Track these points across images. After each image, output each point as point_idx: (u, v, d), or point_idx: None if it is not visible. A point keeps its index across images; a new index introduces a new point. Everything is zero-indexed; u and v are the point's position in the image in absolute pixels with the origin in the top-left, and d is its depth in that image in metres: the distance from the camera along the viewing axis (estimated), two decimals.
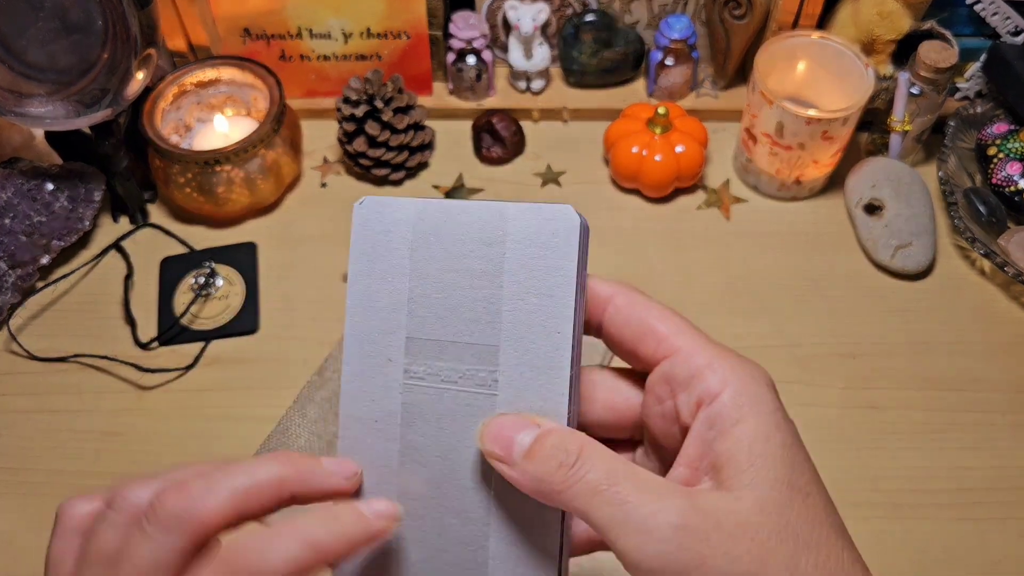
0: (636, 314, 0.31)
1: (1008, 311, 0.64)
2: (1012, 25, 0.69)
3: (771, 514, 0.27)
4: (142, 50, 0.61)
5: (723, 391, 0.28)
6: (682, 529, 0.26)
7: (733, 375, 0.29)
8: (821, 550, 0.27)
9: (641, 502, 0.26)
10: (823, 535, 0.27)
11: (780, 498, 0.27)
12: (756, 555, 0.26)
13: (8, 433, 0.58)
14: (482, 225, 0.30)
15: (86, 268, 0.67)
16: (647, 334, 0.30)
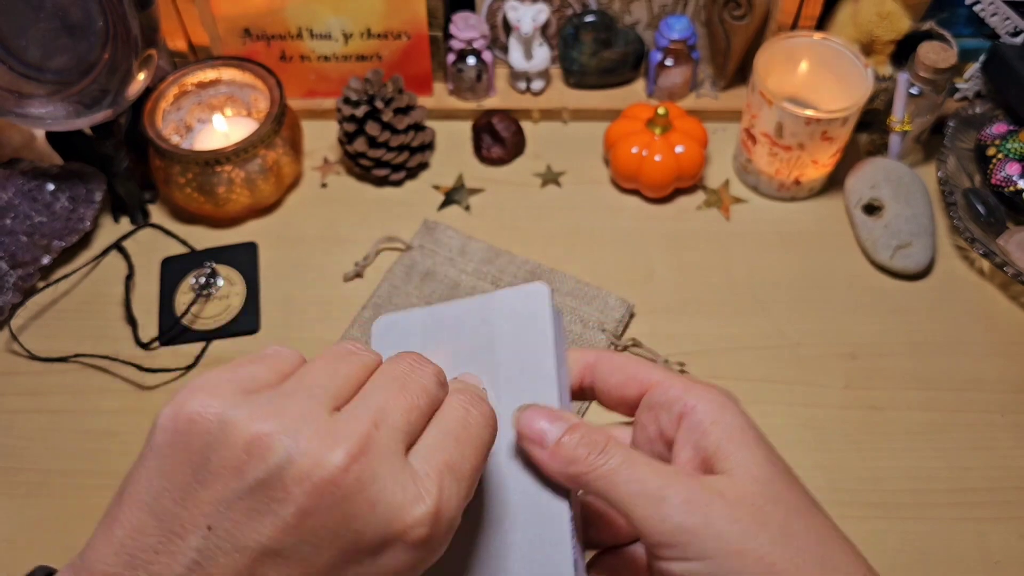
0: (619, 367, 0.36)
1: (1008, 311, 0.64)
2: (1011, 26, 0.69)
3: (763, 485, 0.31)
4: (143, 50, 0.61)
5: (698, 403, 0.33)
6: (689, 500, 0.30)
7: (705, 392, 0.34)
8: (809, 515, 0.31)
9: (656, 481, 0.31)
10: (808, 504, 0.32)
11: (768, 473, 0.31)
12: (754, 517, 0.30)
13: (9, 433, 0.59)
14: (475, 311, 0.36)
15: (87, 268, 0.67)
16: (629, 380, 0.36)
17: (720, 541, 0.30)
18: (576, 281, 0.63)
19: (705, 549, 0.30)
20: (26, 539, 0.54)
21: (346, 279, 0.66)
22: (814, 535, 0.31)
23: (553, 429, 0.32)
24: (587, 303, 0.62)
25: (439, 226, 0.67)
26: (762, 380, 0.60)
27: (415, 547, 0.26)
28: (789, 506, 0.31)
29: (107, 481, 0.56)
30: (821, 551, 0.31)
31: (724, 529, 0.30)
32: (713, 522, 0.30)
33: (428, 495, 0.26)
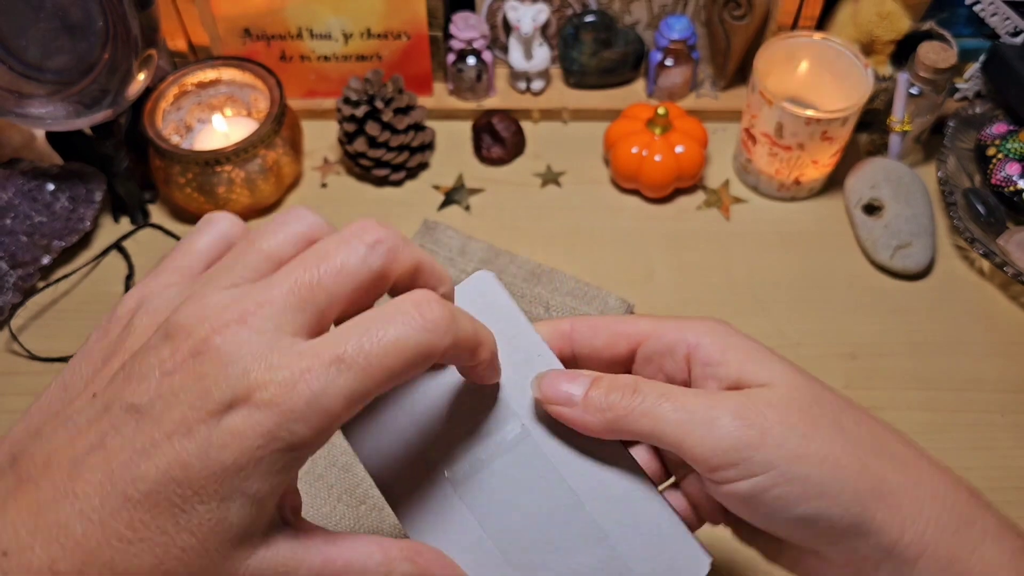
0: (600, 328, 0.35)
1: (1007, 311, 0.64)
2: (1011, 26, 0.69)
3: (804, 390, 0.31)
4: (143, 50, 0.61)
5: (701, 339, 0.33)
6: (740, 416, 0.30)
7: (701, 326, 0.34)
8: (853, 410, 0.32)
9: (701, 405, 0.30)
10: (847, 400, 0.32)
11: (801, 379, 0.32)
12: (807, 419, 0.30)
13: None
14: None
15: (87, 268, 0.67)
16: (616, 338, 0.35)
17: (781, 449, 0.29)
18: (576, 281, 0.63)
19: (767, 460, 0.29)
20: None
21: None
22: (865, 428, 0.31)
23: (576, 386, 0.31)
24: (587, 303, 0.62)
25: (439, 226, 0.67)
26: None
27: (261, 408, 0.23)
28: (835, 404, 0.31)
29: None
30: (875, 441, 0.31)
31: (782, 436, 0.30)
32: (769, 431, 0.30)
33: (289, 368, 0.24)
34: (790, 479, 0.29)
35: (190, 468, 0.23)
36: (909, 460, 0.32)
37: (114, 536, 0.23)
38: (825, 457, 0.30)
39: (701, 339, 0.33)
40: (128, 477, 0.24)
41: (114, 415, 0.24)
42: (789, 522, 0.30)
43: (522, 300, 0.62)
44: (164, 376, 0.24)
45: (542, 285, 0.63)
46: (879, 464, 0.30)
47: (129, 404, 0.24)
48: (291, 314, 0.25)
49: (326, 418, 0.24)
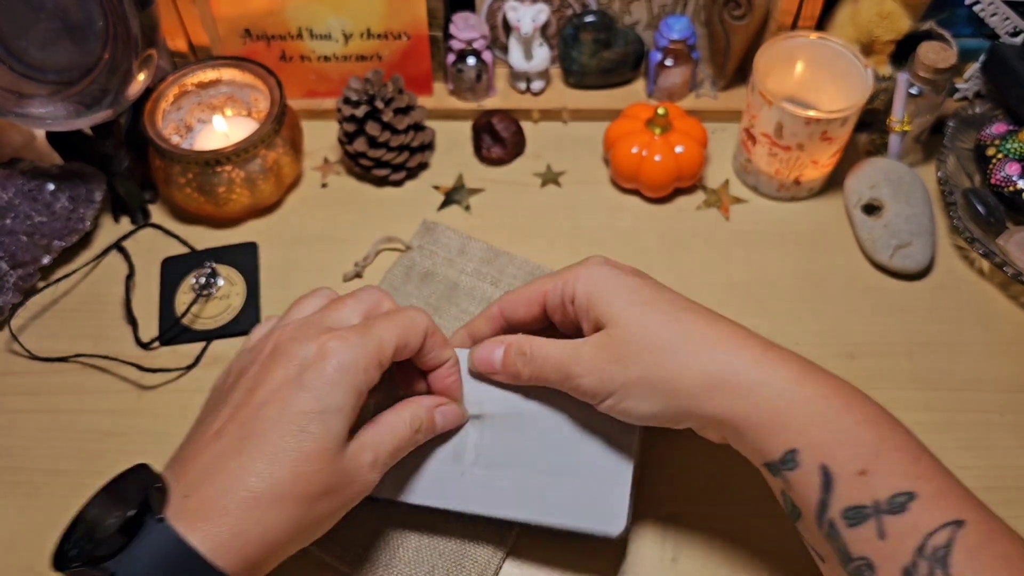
0: (517, 300, 0.50)
1: (1007, 311, 0.64)
2: (1011, 26, 0.69)
3: (630, 325, 0.44)
4: (143, 51, 0.61)
5: (576, 288, 0.46)
6: (583, 363, 0.45)
7: (578, 276, 0.47)
8: (665, 328, 0.43)
9: (562, 360, 0.46)
10: (666, 319, 0.44)
11: (631, 314, 0.44)
12: (628, 351, 0.43)
13: (9, 433, 0.59)
14: None
15: (87, 268, 0.67)
16: (530, 303, 0.49)
17: (613, 382, 0.44)
18: (526, 261, 0.64)
19: (605, 389, 0.44)
20: (26, 539, 0.54)
21: (345, 279, 0.66)
22: (674, 336, 0.43)
23: (494, 354, 0.48)
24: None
25: (438, 226, 0.67)
26: None
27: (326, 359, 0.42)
28: (647, 327, 0.43)
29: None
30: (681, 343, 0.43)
31: (612, 372, 0.44)
32: (605, 369, 0.44)
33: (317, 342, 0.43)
34: (629, 395, 0.44)
35: (292, 407, 0.41)
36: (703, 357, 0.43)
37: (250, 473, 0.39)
38: (640, 378, 0.43)
39: (576, 288, 0.46)
40: (253, 436, 0.40)
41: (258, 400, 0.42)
42: (640, 421, 0.45)
43: None
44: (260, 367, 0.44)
45: None
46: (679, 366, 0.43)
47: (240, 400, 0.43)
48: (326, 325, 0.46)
49: (379, 351, 0.43)
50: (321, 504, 0.41)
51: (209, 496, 0.38)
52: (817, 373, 0.43)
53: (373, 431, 0.44)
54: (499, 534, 0.51)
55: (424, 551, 0.51)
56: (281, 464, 0.39)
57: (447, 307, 0.63)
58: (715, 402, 0.42)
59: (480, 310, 0.61)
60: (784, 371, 0.42)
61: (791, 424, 0.41)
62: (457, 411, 0.49)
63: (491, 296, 0.63)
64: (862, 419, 0.42)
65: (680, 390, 0.42)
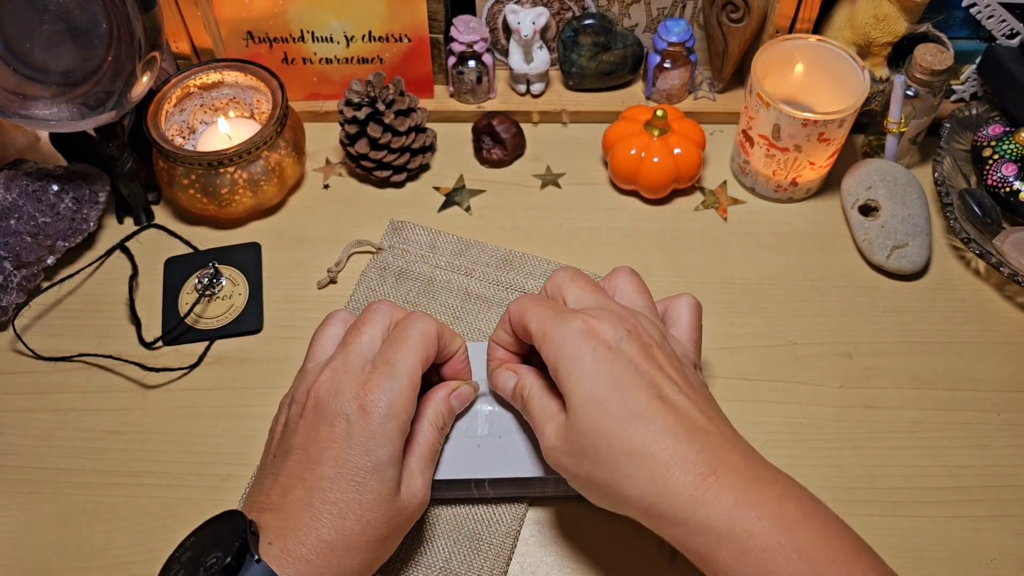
0: (517, 317, 0.49)
1: (1003, 311, 0.65)
2: (1007, 28, 0.69)
3: (580, 423, 0.44)
4: (146, 53, 0.61)
5: (548, 354, 0.46)
6: (547, 448, 0.46)
7: (555, 338, 0.46)
8: (613, 437, 0.42)
9: (540, 424, 0.47)
10: (613, 426, 0.43)
11: (582, 411, 0.44)
12: (574, 452, 0.44)
13: (12, 432, 0.59)
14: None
15: (91, 268, 0.67)
16: (523, 330, 0.49)
17: (567, 472, 0.45)
18: (548, 263, 0.65)
19: (564, 474, 0.46)
20: (29, 538, 0.54)
21: (320, 286, 0.66)
22: (616, 451, 0.42)
23: (508, 384, 0.51)
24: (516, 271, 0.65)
25: (406, 224, 0.68)
26: (759, 379, 0.61)
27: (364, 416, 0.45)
28: (596, 433, 0.43)
29: (111, 480, 0.57)
30: (622, 461, 0.42)
31: (564, 464, 0.45)
32: (559, 460, 0.45)
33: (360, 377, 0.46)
34: (582, 489, 0.46)
35: (345, 461, 0.44)
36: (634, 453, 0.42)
37: (321, 520, 0.43)
38: (577, 476, 0.45)
39: (547, 357, 0.46)
40: (321, 484, 0.44)
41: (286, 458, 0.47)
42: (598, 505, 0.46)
43: (497, 287, 0.64)
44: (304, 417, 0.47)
45: (515, 270, 0.65)
46: (627, 485, 0.42)
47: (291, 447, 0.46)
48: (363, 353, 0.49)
49: (409, 388, 0.46)
50: (390, 540, 0.46)
51: (289, 545, 0.42)
52: (752, 506, 0.40)
53: (415, 454, 0.47)
54: (512, 510, 0.54)
55: (440, 540, 0.53)
56: (347, 517, 0.43)
57: (426, 303, 0.64)
58: (655, 524, 0.42)
59: (460, 302, 0.64)
60: (716, 507, 0.40)
61: (722, 560, 0.40)
62: (468, 390, 0.52)
63: (467, 287, 0.64)
64: (803, 545, 0.39)
65: (622, 502, 0.43)
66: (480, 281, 0.64)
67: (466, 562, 0.52)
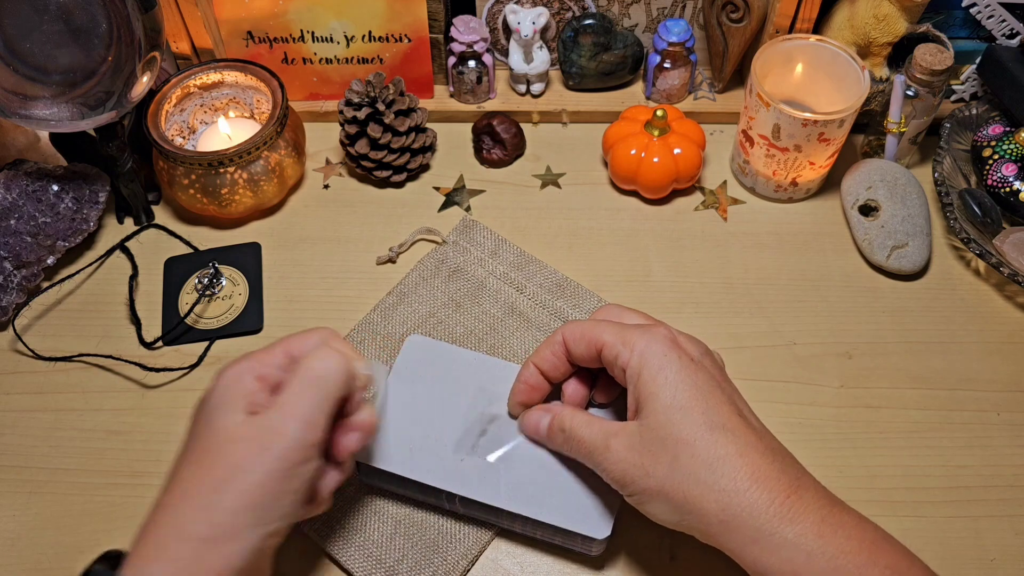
0: (580, 336, 0.48)
1: (1003, 311, 0.65)
2: (1007, 28, 0.69)
3: (659, 432, 0.43)
4: (146, 53, 0.61)
5: (630, 359, 0.45)
6: (613, 453, 0.44)
7: (636, 346, 0.45)
8: (698, 447, 0.42)
9: (597, 447, 0.45)
10: (699, 435, 0.42)
11: (663, 419, 0.43)
12: (649, 461, 0.43)
13: (12, 432, 0.59)
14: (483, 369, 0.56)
15: (91, 268, 0.67)
16: (590, 345, 0.47)
17: (636, 486, 0.43)
18: (599, 299, 0.64)
19: (632, 491, 0.44)
20: (29, 537, 0.54)
21: (379, 262, 0.66)
22: (700, 461, 0.42)
23: (541, 423, 0.49)
24: (560, 296, 0.64)
25: (477, 225, 0.68)
26: (759, 379, 0.61)
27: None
28: (680, 442, 0.42)
29: (111, 480, 0.57)
30: (704, 474, 0.41)
31: (634, 476, 0.43)
32: (627, 472, 0.43)
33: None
34: (645, 499, 0.44)
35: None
36: (721, 482, 0.42)
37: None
38: (658, 490, 0.43)
39: (630, 360, 0.45)
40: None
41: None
42: (662, 523, 0.45)
43: (542, 310, 0.63)
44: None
45: (565, 298, 0.64)
46: (703, 498, 0.41)
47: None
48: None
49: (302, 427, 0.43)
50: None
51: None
52: (839, 524, 0.41)
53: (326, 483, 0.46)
54: (476, 533, 0.53)
55: (400, 539, 0.53)
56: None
57: (470, 305, 0.63)
58: (729, 539, 0.41)
59: (503, 314, 0.62)
60: (804, 523, 0.40)
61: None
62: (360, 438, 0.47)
63: (514, 302, 0.63)
64: (890, 562, 0.40)
65: (697, 515, 0.42)
66: (529, 299, 0.64)
67: (415, 569, 0.51)
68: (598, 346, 0.46)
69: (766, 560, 0.40)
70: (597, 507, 0.49)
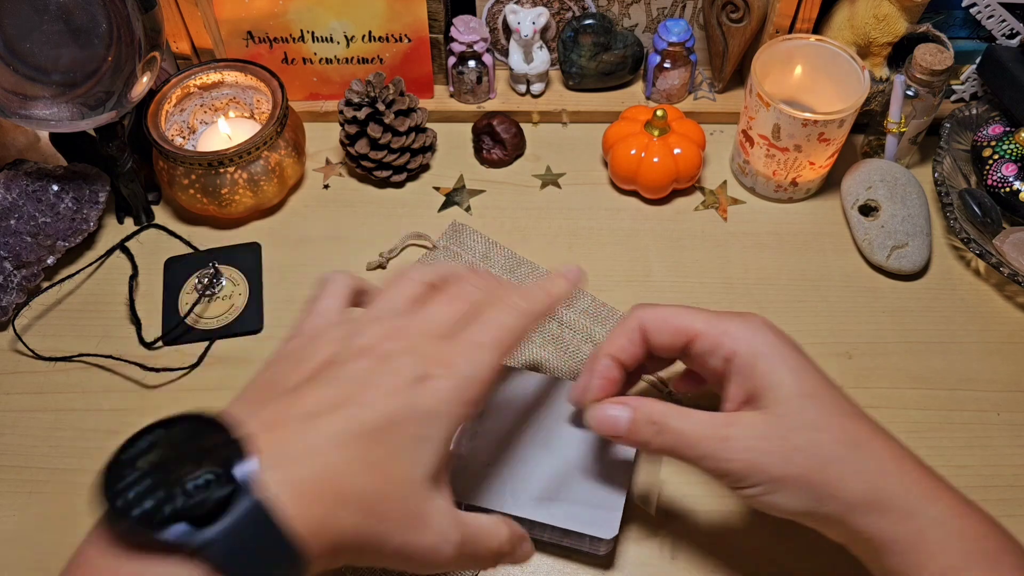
0: (662, 325, 0.45)
1: (1003, 311, 0.65)
2: (1007, 28, 0.69)
3: (790, 417, 0.41)
4: (146, 53, 0.61)
5: (738, 347, 0.43)
6: (735, 443, 0.41)
7: (743, 335, 0.43)
8: (834, 430, 0.41)
9: (708, 437, 0.42)
10: (833, 420, 0.41)
11: (794, 405, 0.41)
12: (784, 446, 0.40)
13: (12, 432, 0.59)
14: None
15: (91, 268, 0.67)
16: (675, 334, 0.45)
17: (764, 474, 0.41)
18: (592, 299, 0.63)
19: (755, 481, 0.41)
20: (29, 537, 0.54)
21: (369, 268, 0.66)
22: (841, 445, 0.40)
23: (620, 418, 0.44)
24: (600, 323, 0.62)
25: (466, 228, 0.68)
26: None
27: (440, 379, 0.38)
28: (815, 427, 0.41)
29: None
30: (847, 456, 0.40)
31: (763, 463, 0.40)
32: (754, 460, 0.41)
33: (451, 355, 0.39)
34: (774, 491, 0.41)
35: (399, 415, 0.36)
36: (868, 466, 0.41)
37: (348, 460, 0.34)
38: (797, 478, 0.40)
39: (738, 347, 0.43)
40: (359, 420, 0.35)
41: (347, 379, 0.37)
42: (773, 512, 0.42)
43: None
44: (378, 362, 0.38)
45: None
46: (845, 478, 0.40)
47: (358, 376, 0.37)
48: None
49: (481, 384, 0.39)
50: (392, 532, 0.35)
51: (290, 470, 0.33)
52: (972, 509, 0.42)
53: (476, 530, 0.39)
54: None
55: None
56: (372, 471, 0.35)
57: None
58: (870, 519, 0.40)
59: None
60: (943, 503, 0.41)
61: (942, 556, 0.39)
62: None
63: None
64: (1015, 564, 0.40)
65: (837, 498, 0.40)
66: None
67: None
68: (689, 335, 0.44)
69: (908, 541, 0.39)
70: (603, 507, 0.48)
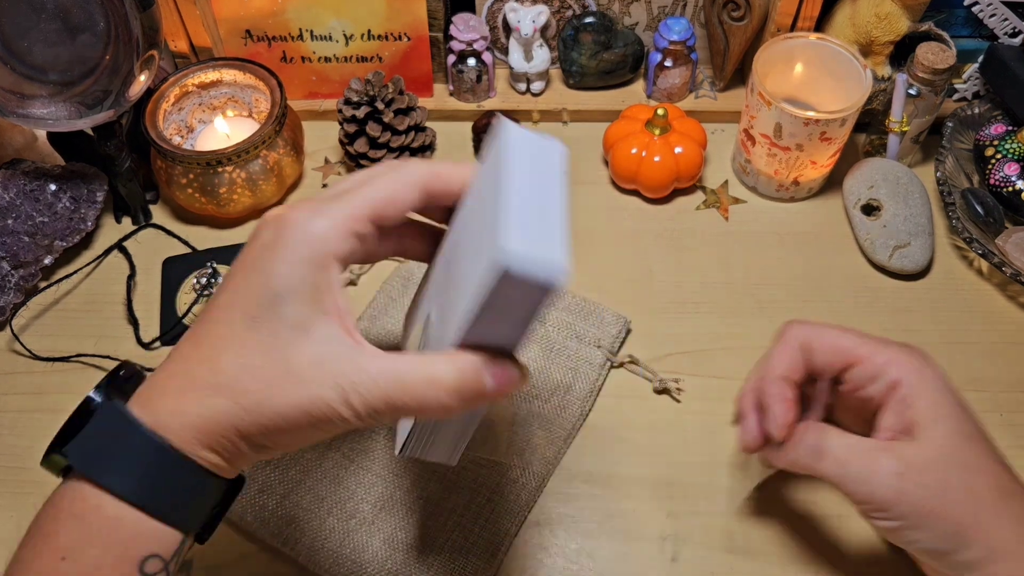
0: (825, 347, 0.46)
1: (1005, 310, 0.64)
2: (1010, 27, 0.69)
3: (949, 454, 0.41)
4: (144, 52, 0.61)
5: (903, 377, 0.43)
6: (888, 473, 0.41)
7: (906, 365, 0.44)
8: (990, 475, 0.41)
9: (858, 465, 0.42)
10: (989, 465, 0.42)
11: (953, 443, 0.42)
12: (940, 481, 0.41)
13: (10, 432, 0.59)
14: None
15: (89, 268, 0.67)
16: (836, 355, 0.45)
17: (913, 506, 0.41)
18: (573, 296, 0.63)
19: (901, 512, 0.41)
20: None
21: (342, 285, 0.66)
22: (995, 491, 0.41)
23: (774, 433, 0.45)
24: (583, 319, 0.62)
25: None
26: None
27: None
28: (971, 469, 0.41)
29: None
30: (1000, 503, 0.41)
31: (915, 495, 0.41)
32: (907, 492, 0.41)
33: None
34: (918, 527, 0.41)
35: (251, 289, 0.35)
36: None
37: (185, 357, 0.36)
38: (947, 516, 0.40)
39: (903, 377, 0.43)
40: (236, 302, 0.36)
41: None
42: (909, 548, 0.44)
43: None
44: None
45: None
46: (996, 524, 0.40)
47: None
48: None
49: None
50: (276, 413, 0.34)
51: (156, 382, 0.36)
52: None
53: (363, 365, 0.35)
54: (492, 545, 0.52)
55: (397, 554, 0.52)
56: (223, 353, 0.35)
57: None
58: (1009, 568, 0.40)
59: None
60: None
61: None
62: (513, 372, 0.35)
63: None
64: None
65: (981, 543, 0.41)
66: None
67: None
68: (852, 360, 0.45)
69: None
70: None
